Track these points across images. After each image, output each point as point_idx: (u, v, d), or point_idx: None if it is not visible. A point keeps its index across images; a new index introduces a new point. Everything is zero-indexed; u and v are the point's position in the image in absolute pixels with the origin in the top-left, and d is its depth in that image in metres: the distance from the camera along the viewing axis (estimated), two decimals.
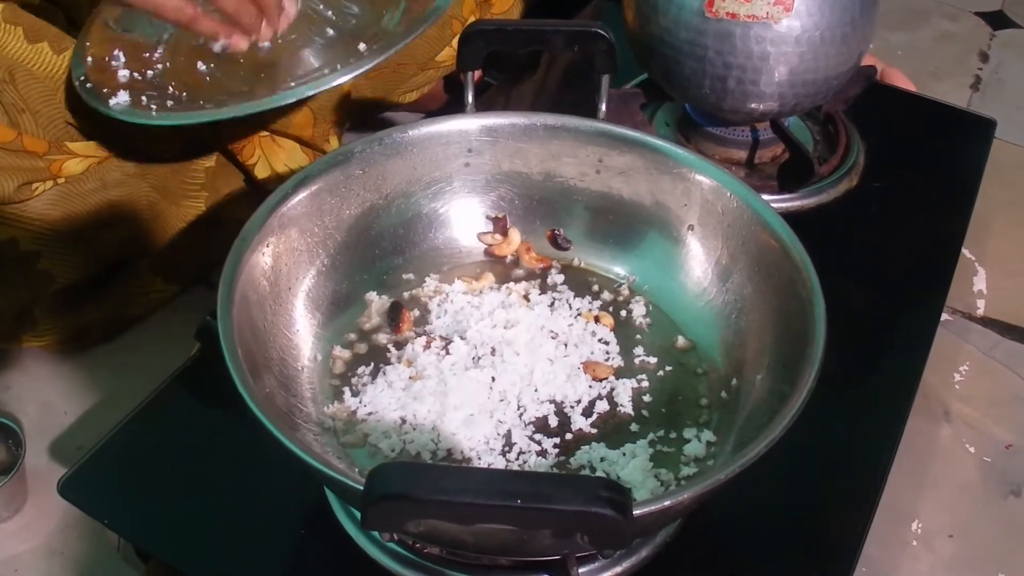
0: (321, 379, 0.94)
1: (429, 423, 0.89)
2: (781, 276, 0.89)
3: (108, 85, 1.15)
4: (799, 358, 0.80)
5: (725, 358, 0.95)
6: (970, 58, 1.91)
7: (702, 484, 0.71)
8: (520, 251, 1.06)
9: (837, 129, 1.32)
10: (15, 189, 1.13)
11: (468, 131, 1.02)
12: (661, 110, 1.35)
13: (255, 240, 0.88)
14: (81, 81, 1.15)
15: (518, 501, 0.59)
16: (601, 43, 1.00)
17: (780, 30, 1.10)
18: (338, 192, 0.97)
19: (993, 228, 1.46)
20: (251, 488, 0.94)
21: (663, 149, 0.99)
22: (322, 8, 1.28)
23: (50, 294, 1.20)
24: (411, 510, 0.61)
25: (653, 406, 0.93)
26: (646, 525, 0.76)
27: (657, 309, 1.02)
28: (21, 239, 1.16)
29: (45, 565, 1.05)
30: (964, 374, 1.27)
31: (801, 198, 1.23)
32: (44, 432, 1.17)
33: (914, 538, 1.09)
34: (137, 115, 1.12)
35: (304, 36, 1.23)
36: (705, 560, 0.90)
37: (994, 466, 1.16)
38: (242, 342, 0.81)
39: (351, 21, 1.26)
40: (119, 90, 1.13)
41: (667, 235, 1.01)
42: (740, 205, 0.95)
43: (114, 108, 1.11)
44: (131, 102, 1.13)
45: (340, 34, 1.23)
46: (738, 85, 1.14)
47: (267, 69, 1.19)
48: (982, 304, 1.36)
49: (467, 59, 1.02)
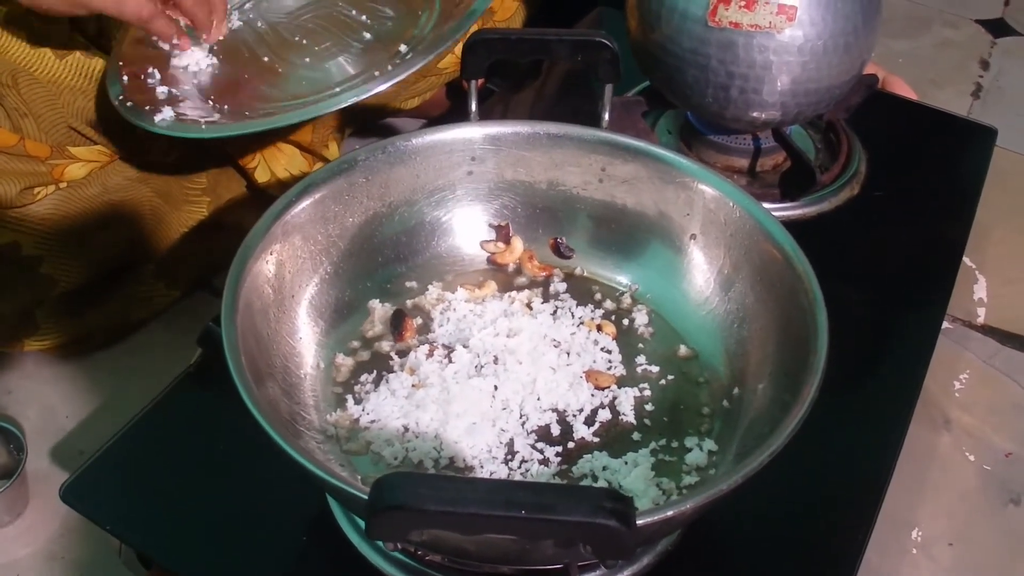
0: (324, 387, 0.94)
1: (432, 431, 0.89)
2: (783, 286, 0.89)
3: (149, 103, 1.15)
4: (801, 367, 0.80)
5: (727, 367, 0.95)
6: (971, 66, 1.91)
7: (704, 494, 0.71)
8: (523, 259, 1.06)
9: (839, 137, 1.32)
10: (17, 193, 1.14)
11: (471, 139, 1.02)
12: (663, 118, 1.36)
13: (259, 247, 0.89)
14: (120, 100, 1.15)
15: (522, 512, 0.60)
16: (605, 52, 1.00)
17: (783, 40, 1.10)
18: (342, 200, 0.98)
19: (994, 236, 1.46)
20: (253, 495, 0.94)
21: (666, 159, 1.00)
22: (355, 13, 1.28)
23: (52, 298, 1.20)
24: (415, 520, 0.61)
25: (655, 415, 0.94)
26: (648, 535, 0.76)
27: (659, 318, 1.02)
28: (23, 243, 1.16)
29: (46, 570, 1.06)
30: (964, 382, 1.27)
31: (803, 206, 1.23)
32: (46, 436, 1.17)
33: (914, 546, 1.09)
34: (187, 130, 1.13)
35: (340, 42, 1.24)
36: (706, 568, 0.90)
37: (994, 474, 1.17)
38: (246, 349, 0.82)
39: (387, 24, 1.27)
40: (162, 106, 1.14)
41: (670, 244, 1.02)
42: (742, 215, 0.95)
43: (160, 124, 1.12)
44: (175, 117, 1.13)
45: (377, 38, 1.24)
46: (740, 94, 1.15)
47: (309, 78, 1.20)
48: (982, 312, 1.37)
49: (471, 67, 1.02)
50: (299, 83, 1.21)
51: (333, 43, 1.26)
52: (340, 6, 1.32)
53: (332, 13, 1.32)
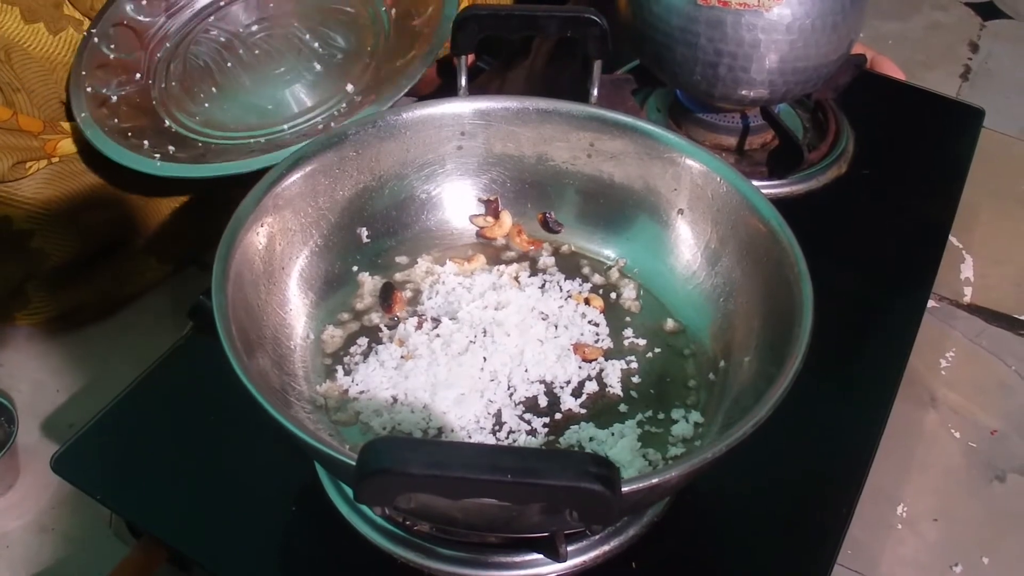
0: (314, 358, 0.95)
1: (420, 402, 0.90)
2: (769, 259, 0.90)
3: (106, 124, 1.17)
4: (786, 340, 0.81)
5: (713, 340, 0.96)
6: (960, 48, 1.92)
7: (689, 462, 0.72)
8: (511, 234, 1.06)
9: (827, 117, 1.33)
10: (9, 168, 1.14)
11: (461, 114, 1.03)
12: (652, 96, 1.36)
13: (250, 220, 0.89)
14: (83, 118, 1.17)
15: (508, 476, 0.60)
16: (594, 29, 1.00)
17: (771, 18, 1.11)
18: (332, 173, 0.98)
19: (980, 216, 1.47)
20: (243, 465, 0.94)
21: (654, 134, 1.00)
22: (308, 38, 1.29)
23: (44, 272, 1.21)
24: (403, 484, 0.62)
25: (642, 387, 0.94)
26: (634, 503, 0.77)
27: (646, 292, 1.02)
28: (15, 218, 1.16)
29: (37, 541, 1.06)
30: (950, 360, 1.28)
31: (790, 184, 1.24)
32: (36, 410, 1.17)
33: (899, 521, 1.10)
34: (142, 164, 1.16)
35: (293, 70, 1.26)
36: (691, 540, 0.91)
37: (979, 452, 1.18)
38: (236, 320, 0.82)
39: (337, 57, 1.28)
40: (118, 132, 1.16)
41: (657, 219, 1.02)
42: (729, 189, 0.95)
43: (114, 155, 1.14)
44: (131, 147, 1.15)
45: (327, 71, 1.26)
46: (729, 72, 1.15)
47: (258, 108, 1.23)
48: (969, 292, 1.37)
49: (461, 43, 1.02)
50: (249, 112, 1.24)
51: (287, 69, 1.27)
52: (294, 27, 1.33)
53: (286, 34, 1.33)
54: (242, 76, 1.28)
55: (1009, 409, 1.23)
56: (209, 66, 1.30)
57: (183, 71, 1.30)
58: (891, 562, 1.07)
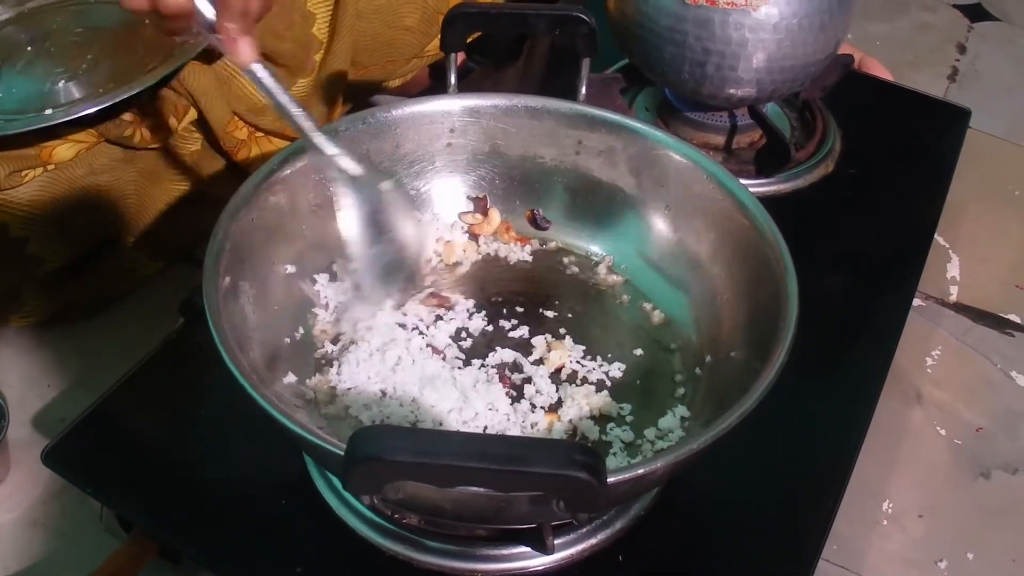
0: (304, 352, 0.95)
1: (408, 396, 0.90)
2: (755, 255, 0.90)
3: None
4: (772, 334, 0.82)
5: (700, 335, 0.96)
6: (948, 49, 1.93)
7: (675, 454, 0.73)
8: (500, 230, 1.07)
9: (814, 116, 1.34)
10: (6, 176, 1.14)
11: (451, 111, 1.03)
12: (641, 95, 1.37)
13: (241, 214, 0.89)
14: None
15: (495, 464, 0.61)
16: (582, 27, 1.01)
17: (758, 17, 1.12)
18: (322, 170, 0.98)
19: (967, 216, 1.48)
20: (232, 460, 0.95)
21: (641, 131, 1.01)
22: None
23: (38, 277, 1.21)
24: (391, 472, 0.62)
25: (628, 381, 0.95)
26: (620, 494, 0.77)
27: (633, 287, 1.03)
28: (11, 225, 1.16)
29: (27, 536, 1.06)
30: (936, 358, 1.29)
31: (777, 183, 1.25)
32: (27, 405, 1.17)
33: (884, 517, 1.11)
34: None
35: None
36: (678, 534, 0.91)
37: (964, 449, 1.18)
38: (227, 314, 0.83)
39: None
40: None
41: (644, 215, 1.03)
42: (715, 186, 0.96)
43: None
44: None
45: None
46: (716, 71, 1.16)
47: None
48: (955, 291, 1.38)
49: (451, 41, 1.03)
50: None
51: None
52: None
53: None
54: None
55: (994, 407, 1.23)
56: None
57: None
58: (876, 558, 1.07)
